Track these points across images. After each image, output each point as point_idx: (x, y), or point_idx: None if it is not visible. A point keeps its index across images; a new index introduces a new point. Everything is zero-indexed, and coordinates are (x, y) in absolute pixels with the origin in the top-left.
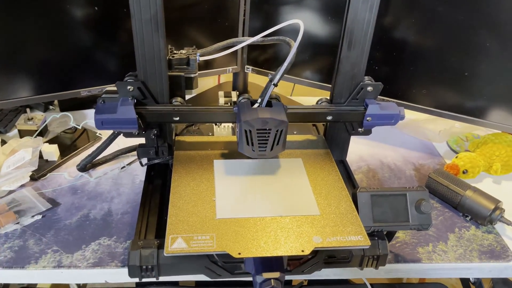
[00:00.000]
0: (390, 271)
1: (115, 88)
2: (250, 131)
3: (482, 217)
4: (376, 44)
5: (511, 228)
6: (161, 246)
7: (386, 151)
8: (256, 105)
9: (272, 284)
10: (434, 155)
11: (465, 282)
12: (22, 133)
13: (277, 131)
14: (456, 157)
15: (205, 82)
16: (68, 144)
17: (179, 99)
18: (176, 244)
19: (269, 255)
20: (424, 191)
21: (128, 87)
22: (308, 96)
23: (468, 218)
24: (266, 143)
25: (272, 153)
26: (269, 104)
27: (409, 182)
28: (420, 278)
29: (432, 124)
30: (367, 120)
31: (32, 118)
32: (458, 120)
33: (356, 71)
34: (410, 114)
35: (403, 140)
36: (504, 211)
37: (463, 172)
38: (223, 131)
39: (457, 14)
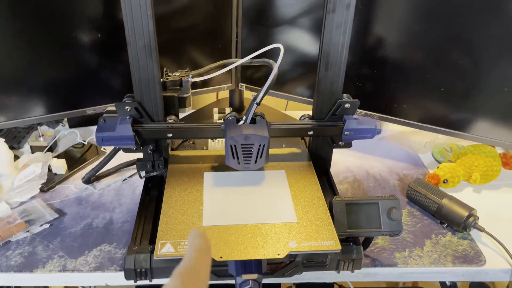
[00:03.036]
0: (367, 274)
1: (115, 108)
2: (235, 146)
3: (457, 223)
4: (357, 63)
5: (485, 234)
6: (154, 251)
7: (373, 162)
8: (241, 122)
9: (250, 285)
10: (419, 165)
11: (443, 285)
12: (33, 149)
13: (259, 145)
14: (438, 167)
15: (205, 98)
16: (75, 159)
17: (173, 117)
18: (165, 248)
19: (247, 258)
20: (395, 200)
21: (126, 107)
22: (302, 110)
23: (445, 225)
24: (250, 157)
25: (256, 166)
26: (254, 121)
27: (393, 191)
28: (413, 282)
29: (418, 136)
30: (346, 135)
31: (43, 135)
32: (439, 133)
33: (334, 90)
34: (396, 127)
35: (390, 152)
36: (478, 218)
37: (444, 182)
38: (217, 145)
39: (432, 34)
